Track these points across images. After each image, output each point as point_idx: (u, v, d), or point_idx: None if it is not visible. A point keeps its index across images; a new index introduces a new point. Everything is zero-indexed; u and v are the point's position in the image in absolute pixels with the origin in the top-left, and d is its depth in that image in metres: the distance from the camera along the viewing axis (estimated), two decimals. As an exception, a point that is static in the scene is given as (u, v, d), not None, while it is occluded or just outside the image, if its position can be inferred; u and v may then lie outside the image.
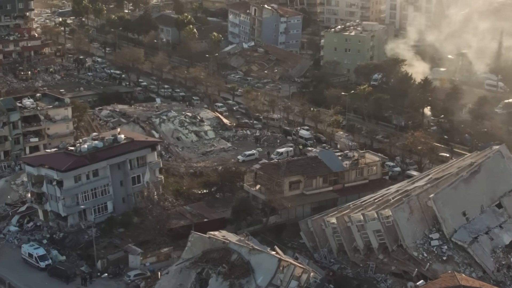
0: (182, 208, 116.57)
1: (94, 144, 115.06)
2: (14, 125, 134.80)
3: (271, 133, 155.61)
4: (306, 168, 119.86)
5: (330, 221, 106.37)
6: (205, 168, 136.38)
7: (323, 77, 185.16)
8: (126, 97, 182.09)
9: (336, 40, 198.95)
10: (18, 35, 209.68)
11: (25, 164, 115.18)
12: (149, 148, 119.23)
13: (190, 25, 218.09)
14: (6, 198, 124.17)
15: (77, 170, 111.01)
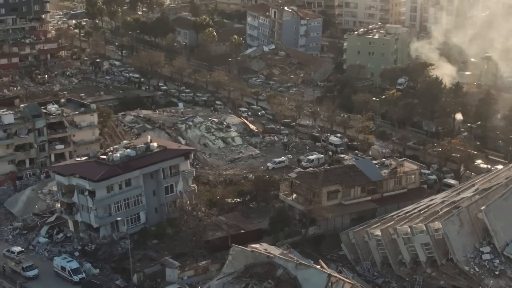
0: (217, 219, 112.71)
1: (126, 152, 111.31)
2: (40, 132, 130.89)
3: (300, 139, 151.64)
4: (344, 177, 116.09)
5: (374, 233, 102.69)
6: (235, 176, 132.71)
7: (347, 81, 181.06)
8: (147, 101, 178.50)
9: (359, 43, 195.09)
10: (34, 37, 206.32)
11: (55, 173, 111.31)
12: (182, 157, 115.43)
13: (210, 28, 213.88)
14: (34, 208, 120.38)
15: (110, 180, 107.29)
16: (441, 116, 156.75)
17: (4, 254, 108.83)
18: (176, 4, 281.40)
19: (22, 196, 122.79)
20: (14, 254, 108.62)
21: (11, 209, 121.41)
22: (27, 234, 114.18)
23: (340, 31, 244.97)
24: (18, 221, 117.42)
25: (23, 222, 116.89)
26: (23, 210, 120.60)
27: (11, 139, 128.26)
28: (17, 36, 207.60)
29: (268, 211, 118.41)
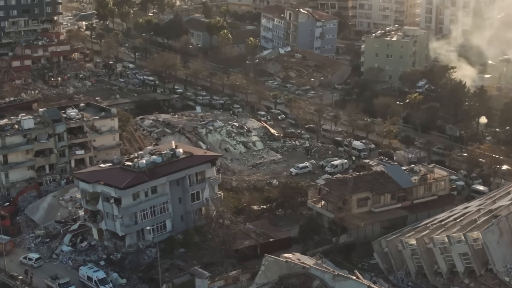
0: (245, 227, 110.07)
1: (152, 159, 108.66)
2: (60, 137, 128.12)
3: (322, 144, 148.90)
4: (374, 184, 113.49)
5: (409, 242, 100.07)
6: (259, 182, 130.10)
7: (366, 84, 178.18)
8: (164, 105, 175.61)
9: (377, 45, 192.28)
10: (47, 40, 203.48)
11: (79, 180, 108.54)
12: (209, 163, 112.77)
13: (224, 30, 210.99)
14: (56, 215, 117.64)
15: (136, 187, 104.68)
16: (464, 120, 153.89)
17: (21, 261, 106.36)
18: (188, 5, 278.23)
19: (43, 203, 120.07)
20: (32, 261, 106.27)
21: (32, 216, 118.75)
22: (49, 242, 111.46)
23: (354, 33, 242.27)
24: (40, 228, 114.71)
25: (45, 229, 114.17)
26: (44, 217, 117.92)
27: (31, 145, 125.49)
28: (29, 38, 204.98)
29: (296, 218, 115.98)
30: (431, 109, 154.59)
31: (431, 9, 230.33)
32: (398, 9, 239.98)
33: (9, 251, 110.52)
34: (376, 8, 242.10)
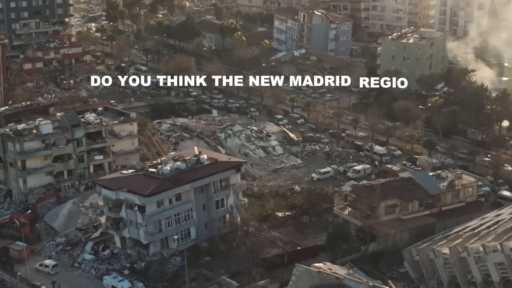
0: (272, 235, 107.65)
1: (176, 165, 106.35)
2: (78, 142, 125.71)
3: (342, 148, 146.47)
4: (402, 190, 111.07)
5: (442, 251, 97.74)
6: (280, 188, 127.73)
7: (384, 88, 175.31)
8: (179, 108, 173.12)
9: (394, 48, 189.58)
10: (59, 42, 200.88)
11: (102, 187, 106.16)
12: (233, 169, 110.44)
13: (238, 32, 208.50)
14: (76, 222, 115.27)
15: (161, 195, 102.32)
16: (486, 124, 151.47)
17: (37, 268, 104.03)
18: (200, 7, 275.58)
19: (63, 209, 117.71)
20: (48, 268, 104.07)
21: (52, 223, 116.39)
22: (71, 250, 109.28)
23: (367, 35, 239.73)
24: (60, 236, 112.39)
25: (65, 237, 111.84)
26: (64, 224, 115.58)
27: (49, 150, 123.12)
28: (40, 40, 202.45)
29: (322, 225, 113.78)
30: (452, 113, 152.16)
31: (445, 10, 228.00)
32: (411, 10, 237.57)
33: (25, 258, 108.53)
34: (389, 9, 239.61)
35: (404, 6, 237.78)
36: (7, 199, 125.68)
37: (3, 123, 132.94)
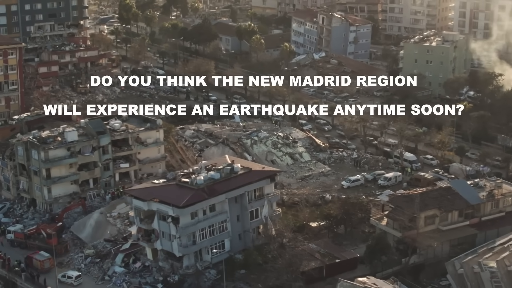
0: (309, 247, 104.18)
1: (210, 175, 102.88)
2: (104, 149, 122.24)
3: (371, 155, 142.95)
4: (441, 200, 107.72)
5: (488, 264, 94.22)
6: (310, 196, 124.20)
7: (408, 91, 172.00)
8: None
9: (416, 51, 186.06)
10: (74, 45, 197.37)
11: (133, 197, 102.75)
12: (268, 179, 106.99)
13: (257, 35, 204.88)
14: (104, 233, 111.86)
15: (195, 206, 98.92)
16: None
17: (59, 280, 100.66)
18: (216, 9, 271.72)
19: (90, 220, 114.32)
20: (71, 279, 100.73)
21: (79, 234, 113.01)
22: (100, 262, 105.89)
23: (384, 37, 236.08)
24: (88, 247, 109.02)
25: (94, 249, 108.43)
26: (91, 235, 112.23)
27: (74, 158, 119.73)
28: (55, 43, 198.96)
29: (358, 236, 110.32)
30: (481, 118, 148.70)
31: (464, 13, 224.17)
32: (430, 13, 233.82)
33: (49, 269, 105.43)
34: (407, 12, 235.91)
35: (423, 8, 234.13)
36: (31, 208, 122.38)
37: (25, 129, 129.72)
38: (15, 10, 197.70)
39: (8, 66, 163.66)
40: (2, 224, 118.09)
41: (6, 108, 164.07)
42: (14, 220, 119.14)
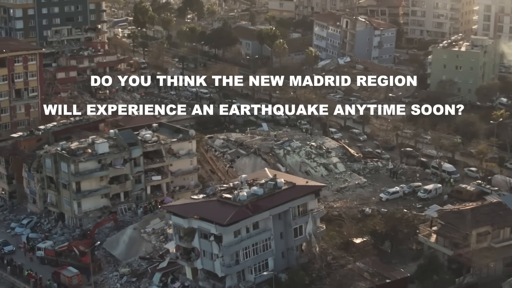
0: (355, 265, 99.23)
1: (253, 191, 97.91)
2: (136, 161, 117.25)
3: (408, 165, 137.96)
4: (493, 216, 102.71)
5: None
6: (349, 210, 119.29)
7: (438, 98, 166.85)
8: (225, 120, 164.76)
9: (445, 56, 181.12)
10: (93, 49, 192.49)
11: (172, 214, 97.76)
12: (312, 194, 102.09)
13: (280, 39, 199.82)
14: (139, 250, 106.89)
15: (239, 224, 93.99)
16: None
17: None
18: (235, 12, 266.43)
19: (123, 236, 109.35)
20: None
21: (112, 251, 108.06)
22: (137, 282, 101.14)
23: (405, 41, 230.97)
24: (123, 266, 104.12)
25: (129, 267, 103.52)
26: (125, 252, 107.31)
27: (106, 171, 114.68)
28: (72, 48, 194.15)
29: (406, 254, 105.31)
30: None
31: (489, 16, 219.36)
32: (453, 16, 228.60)
33: (77, 285, 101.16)
34: (430, 15, 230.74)
35: (446, 11, 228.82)
36: (59, 222, 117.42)
37: (52, 140, 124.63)
38: (32, 14, 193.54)
39: (28, 72, 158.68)
40: (30, 240, 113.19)
41: (26, 115, 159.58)
42: (43, 236, 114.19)
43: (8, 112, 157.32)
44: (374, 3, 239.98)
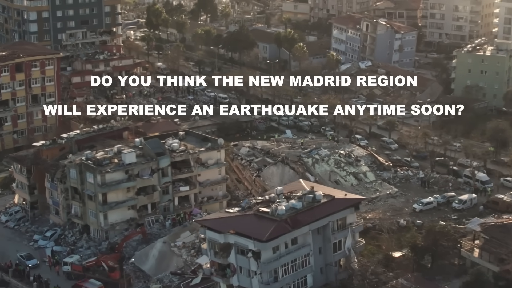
0: (398, 282, 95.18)
1: (292, 204, 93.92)
2: (163, 172, 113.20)
3: (439, 174, 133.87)
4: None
5: None
6: (383, 221, 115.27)
7: (465, 104, 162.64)
8: (247, 127, 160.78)
9: (470, 61, 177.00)
10: (108, 53, 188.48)
11: (207, 228, 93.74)
12: (352, 208, 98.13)
13: (300, 43, 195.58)
14: (170, 265, 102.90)
15: (279, 239, 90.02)
16: None
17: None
18: (251, 15, 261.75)
19: (153, 250, 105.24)
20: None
21: (141, 266, 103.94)
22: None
23: (424, 44, 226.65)
24: (154, 282, 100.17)
25: (160, 283, 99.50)
26: (156, 267, 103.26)
27: (133, 181, 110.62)
28: (87, 51, 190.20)
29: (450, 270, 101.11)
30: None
31: (510, 19, 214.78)
32: (473, 19, 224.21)
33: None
34: (449, 18, 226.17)
35: (466, 14, 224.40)
36: (84, 235, 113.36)
37: (75, 149, 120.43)
38: (46, 16, 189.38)
39: (46, 77, 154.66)
40: (56, 254, 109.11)
41: (42, 122, 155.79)
42: (68, 250, 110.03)
43: (24, 118, 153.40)
44: (391, 6, 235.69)
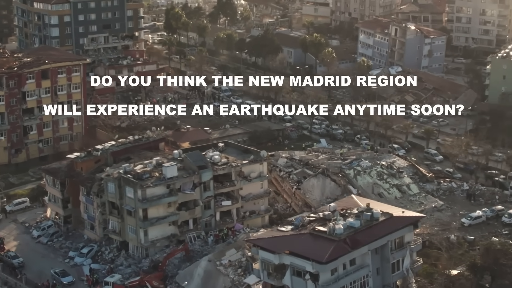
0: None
1: (349, 223, 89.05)
2: (205, 186, 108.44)
3: (485, 187, 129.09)
4: None
5: None
6: (432, 237, 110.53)
7: (502, 112, 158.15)
8: (278, 135, 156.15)
9: (505, 67, 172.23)
10: (132, 58, 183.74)
11: (260, 248, 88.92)
12: (411, 226, 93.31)
13: (328, 48, 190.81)
14: (216, 285, 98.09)
15: (338, 261, 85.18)
16: None
17: None
18: (275, 19, 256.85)
19: (198, 268, 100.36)
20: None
21: (186, 286, 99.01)
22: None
23: (450, 49, 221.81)
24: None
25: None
26: (201, 287, 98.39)
27: (175, 196, 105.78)
28: (110, 56, 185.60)
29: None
30: None
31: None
32: (500, 23, 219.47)
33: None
34: (476, 21, 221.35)
35: (493, 18, 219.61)
36: (122, 252, 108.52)
37: (110, 161, 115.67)
38: (68, 21, 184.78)
39: (72, 84, 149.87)
40: (94, 272, 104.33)
41: (68, 130, 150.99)
42: (108, 268, 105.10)
43: (50, 127, 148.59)
44: (416, 9, 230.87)
